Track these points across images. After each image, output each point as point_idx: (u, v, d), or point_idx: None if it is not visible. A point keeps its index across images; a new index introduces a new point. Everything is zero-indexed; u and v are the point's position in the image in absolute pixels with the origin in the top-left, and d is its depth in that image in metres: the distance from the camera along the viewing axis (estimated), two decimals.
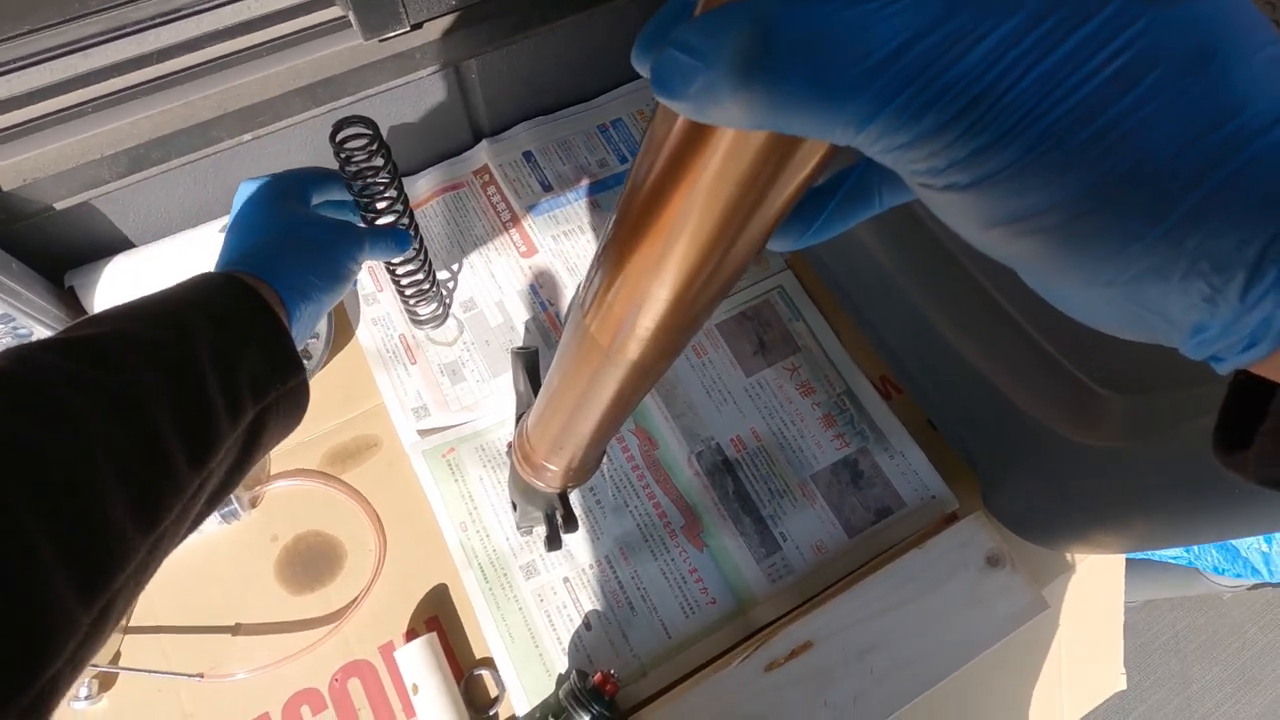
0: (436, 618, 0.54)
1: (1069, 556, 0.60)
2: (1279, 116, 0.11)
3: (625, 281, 0.22)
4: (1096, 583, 0.62)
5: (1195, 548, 0.85)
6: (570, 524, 0.48)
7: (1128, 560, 1.10)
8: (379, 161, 0.48)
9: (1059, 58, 0.11)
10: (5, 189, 0.51)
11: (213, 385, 0.32)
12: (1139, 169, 0.11)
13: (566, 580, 0.56)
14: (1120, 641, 0.68)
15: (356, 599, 0.54)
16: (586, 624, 0.55)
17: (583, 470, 0.42)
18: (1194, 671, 1.32)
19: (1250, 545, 0.78)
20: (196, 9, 0.53)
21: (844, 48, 0.12)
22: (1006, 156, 0.12)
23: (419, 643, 0.51)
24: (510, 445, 0.47)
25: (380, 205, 0.50)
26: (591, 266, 0.25)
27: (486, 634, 0.53)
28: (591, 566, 0.57)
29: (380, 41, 0.58)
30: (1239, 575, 0.87)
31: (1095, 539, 0.51)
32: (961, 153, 0.12)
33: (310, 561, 0.55)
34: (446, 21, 0.60)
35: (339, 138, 0.47)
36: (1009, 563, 0.54)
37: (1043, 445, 0.47)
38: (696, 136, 0.17)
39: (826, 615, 0.52)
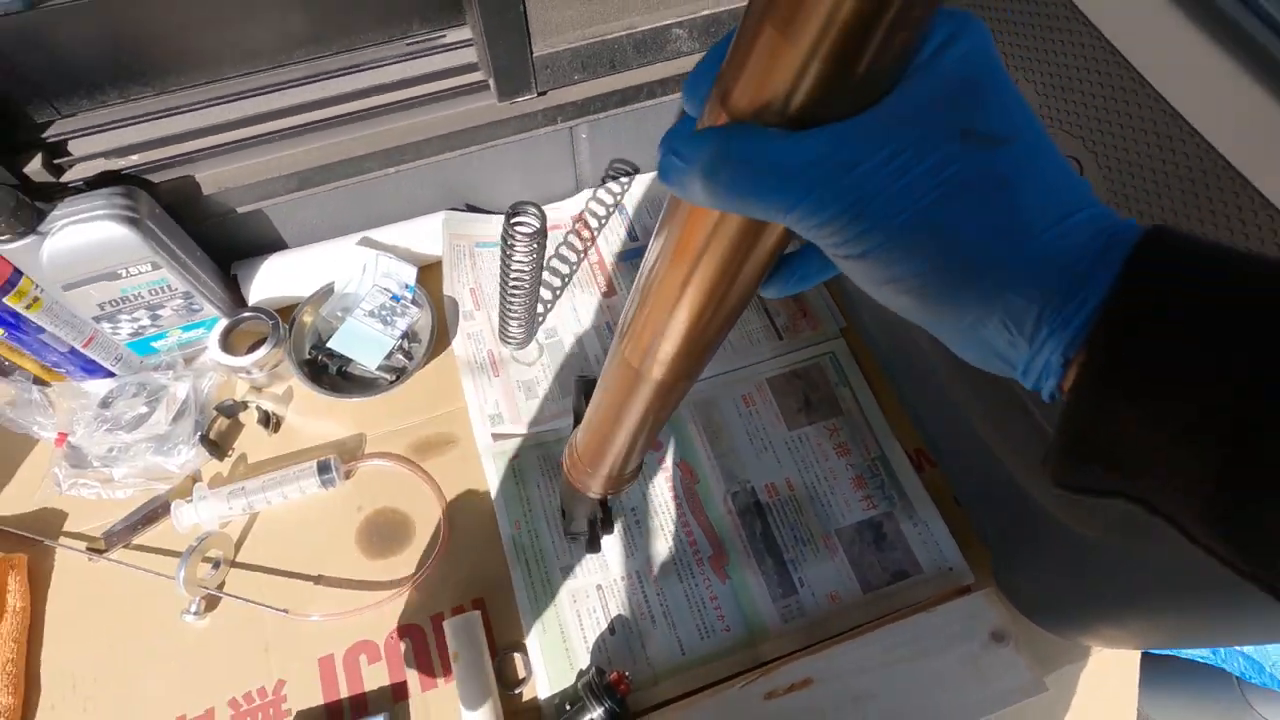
0: (482, 599, 0.62)
1: (1084, 648, 0.62)
2: (1050, 225, 0.18)
3: (650, 316, 0.29)
4: (1108, 679, 0.63)
5: (1221, 650, 0.82)
6: (608, 526, 0.55)
7: (1165, 675, 1.06)
8: (536, 245, 0.60)
9: (907, 181, 0.17)
10: (205, 193, 0.64)
11: None
12: (958, 256, 0.18)
13: (599, 587, 0.63)
14: None
15: (419, 571, 0.62)
16: (611, 629, 0.61)
17: (620, 479, 0.49)
18: None
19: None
20: (369, 66, 0.65)
21: (771, 164, 0.18)
22: (876, 240, 0.18)
23: (464, 618, 0.59)
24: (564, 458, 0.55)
25: (523, 279, 0.63)
26: (629, 301, 0.32)
27: (524, 621, 0.60)
28: (623, 578, 0.63)
29: (511, 104, 0.69)
30: (1265, 685, 0.84)
31: (1098, 630, 0.54)
32: (851, 234, 0.18)
33: (385, 532, 0.64)
34: (567, 91, 0.70)
35: (513, 219, 0.60)
36: (1013, 642, 0.57)
37: (1051, 534, 0.51)
38: (696, 214, 0.23)
39: (830, 658, 0.56)
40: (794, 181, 0.18)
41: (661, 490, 0.67)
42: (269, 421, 0.68)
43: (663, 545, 0.64)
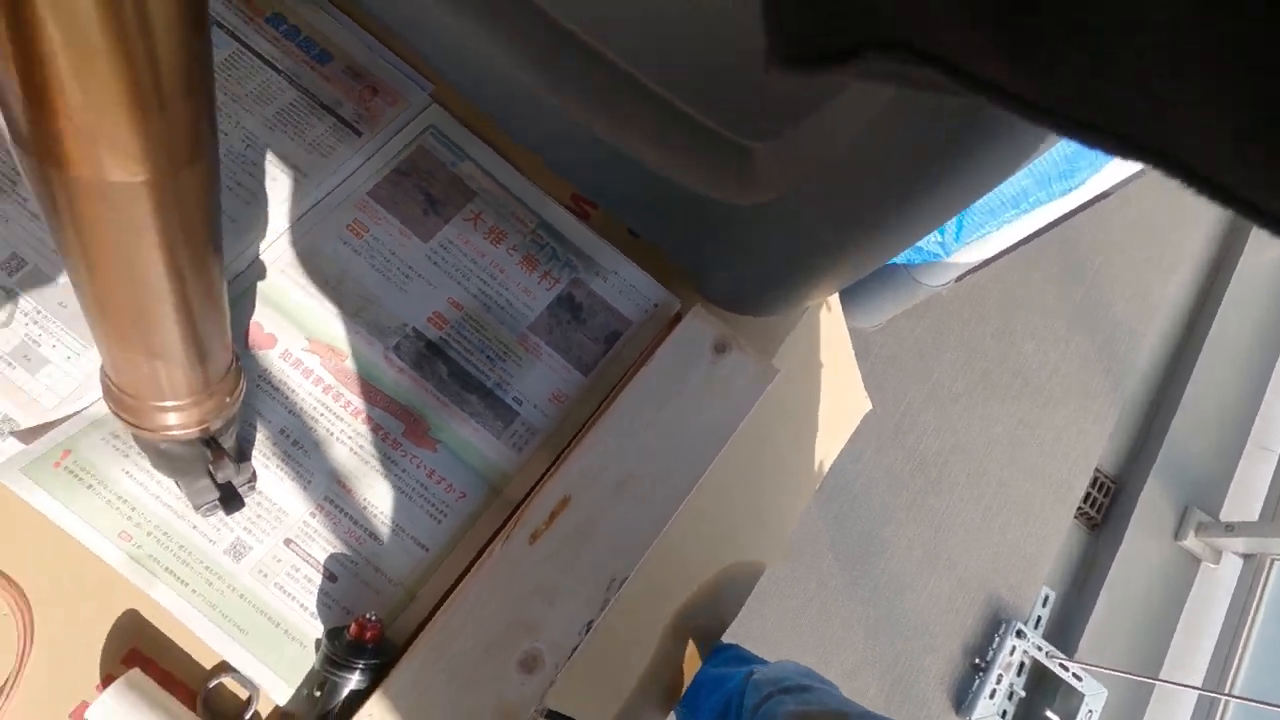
0: (136, 649, 0.44)
1: (797, 312, 0.62)
2: None
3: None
4: (821, 326, 0.65)
5: None
6: (233, 466, 0.40)
7: (857, 292, 1.22)
8: None
9: None
10: None
11: None
12: None
13: (289, 542, 0.47)
14: (855, 368, 0.74)
15: (4, 685, 0.41)
16: (330, 576, 0.47)
17: (209, 393, 0.35)
18: (933, 363, 1.57)
19: (929, 240, 0.88)
20: None
21: None
22: None
23: (114, 689, 0.41)
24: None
25: None
26: None
27: (209, 640, 0.44)
28: (313, 514, 0.48)
29: None
30: (927, 259, 0.99)
31: (800, 291, 0.52)
32: None
33: None
34: None
35: None
36: (734, 344, 0.54)
37: (723, 219, 0.45)
38: None
39: (576, 464, 0.49)
40: None
41: (305, 390, 0.50)
42: None
43: (342, 450, 0.50)
